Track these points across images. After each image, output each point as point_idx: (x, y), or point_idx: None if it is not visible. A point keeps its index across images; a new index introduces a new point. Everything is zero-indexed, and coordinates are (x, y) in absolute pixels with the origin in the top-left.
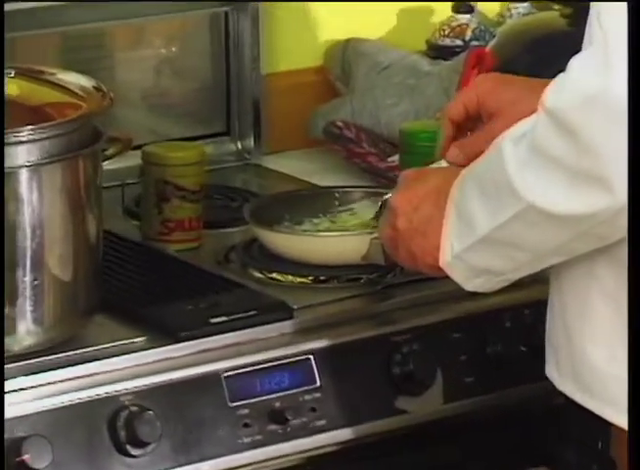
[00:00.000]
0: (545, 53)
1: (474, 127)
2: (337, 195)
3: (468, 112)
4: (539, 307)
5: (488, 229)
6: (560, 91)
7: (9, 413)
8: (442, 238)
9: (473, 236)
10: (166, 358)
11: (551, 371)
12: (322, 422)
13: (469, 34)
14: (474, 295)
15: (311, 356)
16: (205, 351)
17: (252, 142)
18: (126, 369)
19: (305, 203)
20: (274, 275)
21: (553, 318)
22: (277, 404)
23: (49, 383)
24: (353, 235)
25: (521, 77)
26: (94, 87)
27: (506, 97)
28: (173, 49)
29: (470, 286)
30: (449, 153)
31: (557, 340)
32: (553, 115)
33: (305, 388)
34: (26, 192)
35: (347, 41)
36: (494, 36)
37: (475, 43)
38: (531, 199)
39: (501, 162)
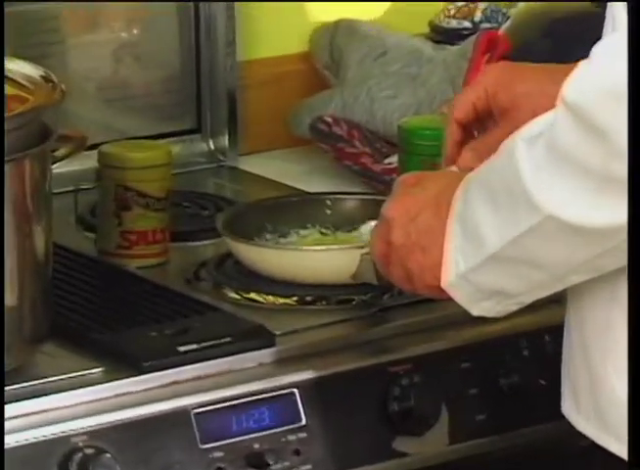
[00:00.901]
0: (566, 37)
1: (481, 127)
2: (328, 202)
3: (477, 110)
4: (562, 333)
5: (499, 245)
6: (582, 83)
7: None
8: (445, 254)
9: (481, 253)
10: (127, 393)
11: (568, 408)
12: (308, 467)
13: (478, 15)
14: (485, 318)
15: (295, 390)
16: (171, 384)
17: (227, 141)
18: (80, 405)
19: (290, 211)
20: (252, 296)
21: (570, 345)
22: (256, 446)
23: None
24: (343, 250)
25: (536, 65)
26: (42, 77)
27: (521, 89)
28: (135, 32)
29: (477, 310)
30: (462, 158)
31: (575, 371)
32: (575, 110)
33: (289, 427)
34: None
35: (337, 23)
36: (508, 18)
37: (485, 25)
38: (550, 209)
39: (513, 166)
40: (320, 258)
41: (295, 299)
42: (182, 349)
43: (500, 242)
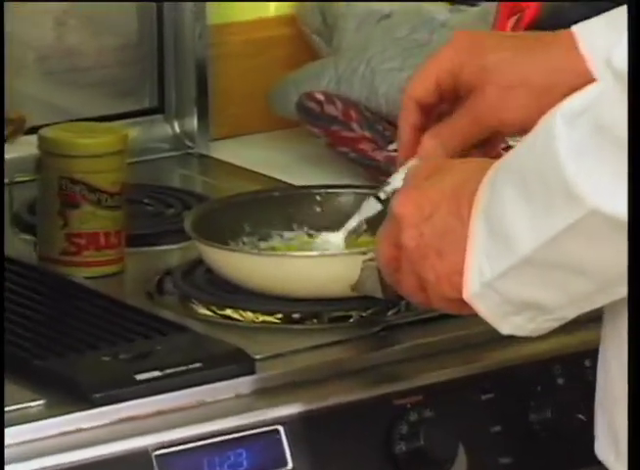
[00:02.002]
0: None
1: (444, 112)
2: (318, 198)
3: (440, 87)
4: None
5: (533, 246)
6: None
7: None
8: (467, 259)
9: (511, 256)
10: (75, 430)
11: (604, 450)
12: None
13: None
14: (511, 340)
15: (280, 427)
16: (129, 419)
17: (196, 123)
18: (18, 445)
19: (273, 209)
20: (227, 312)
21: (607, 373)
22: None
23: None
24: (339, 256)
25: (512, 33)
26: None
27: (490, 60)
28: None
29: (506, 327)
30: (423, 146)
31: (613, 406)
32: (626, 80)
33: None
34: None
35: None
36: None
37: None
38: (596, 203)
39: (551, 150)
40: (309, 266)
41: (278, 316)
42: (141, 377)
43: (534, 243)
